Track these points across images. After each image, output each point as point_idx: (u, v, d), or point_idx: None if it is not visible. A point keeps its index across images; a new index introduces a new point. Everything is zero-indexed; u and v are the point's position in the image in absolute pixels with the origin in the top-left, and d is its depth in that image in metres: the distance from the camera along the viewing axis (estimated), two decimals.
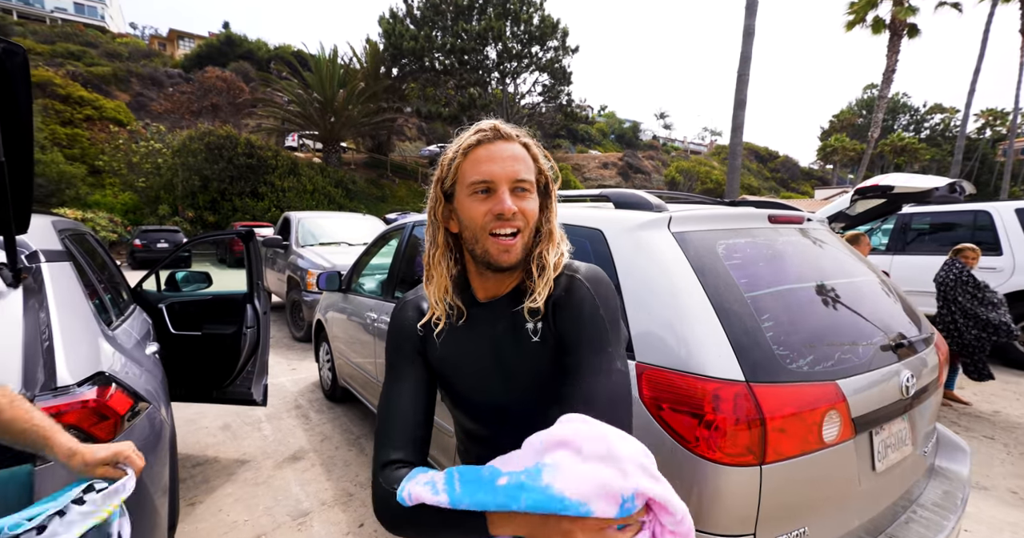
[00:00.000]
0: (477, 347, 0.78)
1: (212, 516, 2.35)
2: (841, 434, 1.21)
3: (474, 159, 0.72)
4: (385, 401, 0.79)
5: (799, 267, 1.54)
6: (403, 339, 0.82)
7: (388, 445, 0.72)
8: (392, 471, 0.68)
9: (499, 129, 0.73)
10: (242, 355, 2.82)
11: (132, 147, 18.71)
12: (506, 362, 0.76)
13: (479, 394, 0.79)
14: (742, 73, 10.94)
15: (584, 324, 0.71)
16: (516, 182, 0.72)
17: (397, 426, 0.74)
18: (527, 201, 0.73)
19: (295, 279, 6.08)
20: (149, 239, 14.24)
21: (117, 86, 28.56)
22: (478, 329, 0.79)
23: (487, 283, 0.80)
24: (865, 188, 3.82)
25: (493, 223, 0.71)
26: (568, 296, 0.73)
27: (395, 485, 0.65)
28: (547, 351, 0.74)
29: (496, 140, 0.73)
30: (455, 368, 0.80)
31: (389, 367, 0.83)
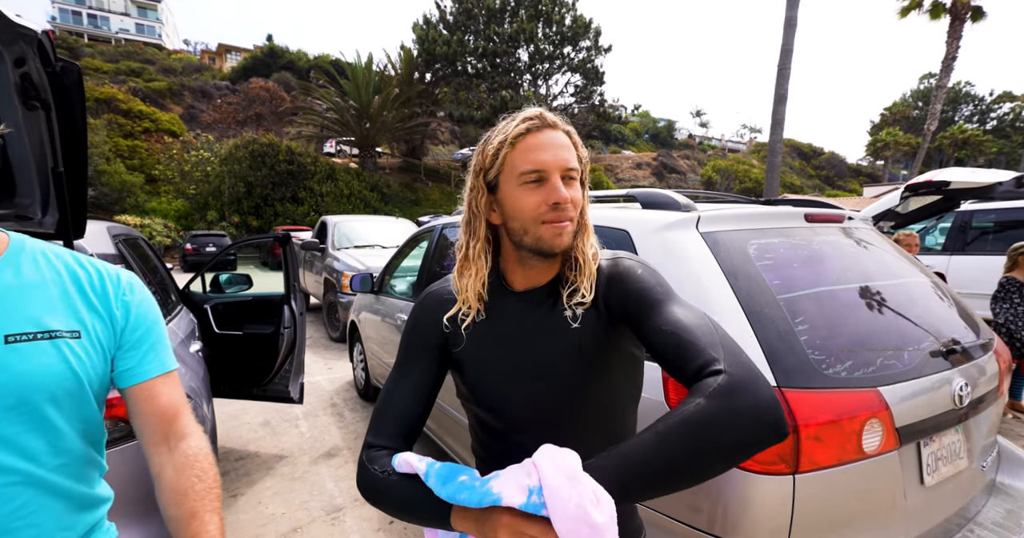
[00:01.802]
0: (509, 337, 0.77)
1: (252, 508, 2.45)
2: (884, 444, 1.14)
3: (524, 148, 0.71)
4: (389, 389, 0.79)
5: (838, 268, 1.47)
6: (423, 332, 0.82)
7: (379, 432, 0.76)
8: (373, 452, 0.73)
9: (545, 117, 0.72)
10: (280, 354, 2.94)
11: (184, 156, 19.86)
12: (537, 350, 0.76)
13: (505, 384, 0.78)
14: (783, 66, 10.54)
15: (643, 280, 0.73)
16: (567, 170, 0.71)
17: (393, 417, 0.76)
18: (576, 190, 0.73)
19: (331, 281, 6.28)
20: (199, 243, 15.04)
21: (171, 99, 30.38)
22: (511, 319, 0.78)
23: (530, 272, 0.78)
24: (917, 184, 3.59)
25: (548, 213, 0.70)
26: (616, 269, 0.76)
27: (375, 465, 0.70)
28: (582, 336, 0.74)
29: (544, 128, 0.71)
30: (482, 360, 0.79)
31: (401, 357, 0.83)
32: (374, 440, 0.75)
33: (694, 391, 0.58)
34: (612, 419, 0.80)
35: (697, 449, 0.54)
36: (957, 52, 16.68)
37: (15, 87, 0.96)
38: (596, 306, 0.75)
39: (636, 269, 0.75)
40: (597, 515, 0.51)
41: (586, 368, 0.74)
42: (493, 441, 0.83)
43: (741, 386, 0.56)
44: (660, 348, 0.65)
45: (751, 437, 0.55)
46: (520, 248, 0.75)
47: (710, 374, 0.58)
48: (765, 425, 0.55)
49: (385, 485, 0.68)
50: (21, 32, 0.90)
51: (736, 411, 0.54)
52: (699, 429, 0.54)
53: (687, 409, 0.55)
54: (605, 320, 0.75)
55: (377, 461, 0.71)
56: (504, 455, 0.80)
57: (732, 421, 0.54)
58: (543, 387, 0.76)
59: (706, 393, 0.56)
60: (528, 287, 0.79)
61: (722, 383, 0.56)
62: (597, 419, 0.78)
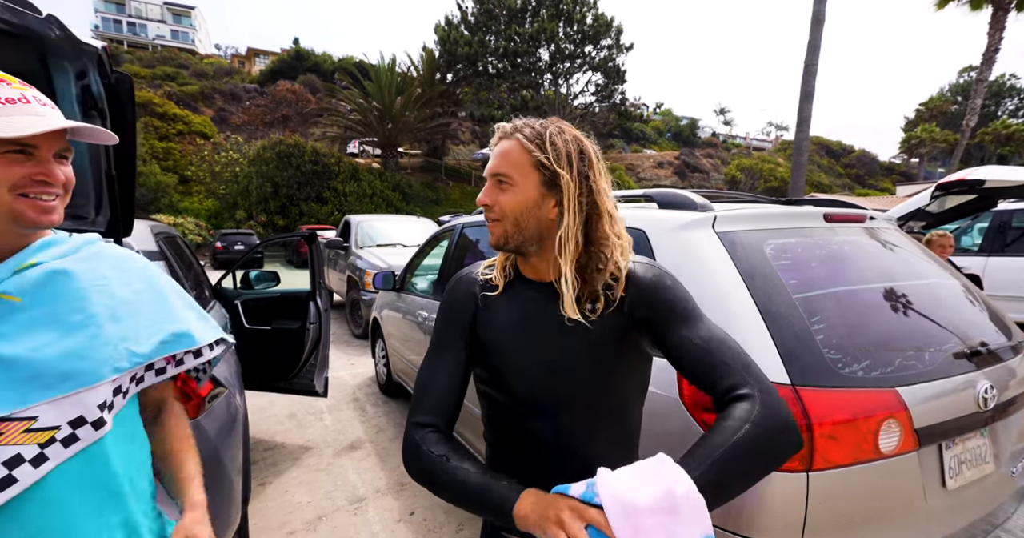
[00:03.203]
0: (527, 323, 0.82)
1: (279, 496, 2.56)
2: (901, 445, 1.14)
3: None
4: (426, 371, 0.84)
5: (858, 268, 1.46)
6: (456, 312, 0.87)
7: (423, 411, 0.79)
8: (427, 433, 0.76)
9: (503, 128, 0.82)
10: (305, 349, 3.04)
11: (215, 157, 20.53)
12: (551, 340, 0.79)
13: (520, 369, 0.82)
14: (810, 63, 10.28)
15: (672, 291, 0.78)
16: (494, 175, 0.80)
17: (433, 396, 0.80)
18: (504, 193, 0.79)
19: (354, 279, 6.42)
20: (228, 241, 15.53)
21: (203, 102, 31.43)
22: (529, 307, 0.83)
23: (526, 266, 0.86)
24: (949, 183, 3.48)
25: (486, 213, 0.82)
26: (646, 276, 0.79)
27: (429, 447, 0.74)
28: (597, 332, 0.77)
29: (500, 139, 0.81)
30: (502, 343, 0.83)
31: (436, 341, 0.87)
32: (421, 419, 0.78)
33: (735, 413, 0.65)
34: (620, 410, 0.84)
35: (749, 469, 0.64)
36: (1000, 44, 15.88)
37: (76, 98, 1.04)
38: (620, 308, 0.78)
39: (665, 280, 0.79)
40: (641, 499, 0.56)
41: (597, 361, 0.78)
42: (504, 427, 0.87)
43: (773, 412, 0.65)
44: (688, 362, 0.72)
45: (780, 455, 0.66)
46: None
47: (742, 397, 0.67)
48: (792, 444, 0.66)
49: (441, 469, 0.71)
50: (84, 49, 0.99)
51: (771, 434, 0.64)
52: (752, 451, 0.63)
53: (739, 438, 0.63)
54: (626, 320, 0.78)
55: (432, 444, 0.74)
56: (514, 441, 0.85)
57: (768, 443, 0.64)
58: (555, 376, 0.79)
59: (751, 419, 0.64)
60: (537, 279, 0.84)
61: (760, 411, 0.65)
62: (606, 409, 0.82)
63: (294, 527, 2.30)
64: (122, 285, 0.77)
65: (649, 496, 0.56)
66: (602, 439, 0.79)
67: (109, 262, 0.78)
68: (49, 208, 0.68)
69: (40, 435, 0.62)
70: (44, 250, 0.72)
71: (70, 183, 0.71)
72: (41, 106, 0.67)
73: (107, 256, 0.79)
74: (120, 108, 1.14)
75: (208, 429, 1.46)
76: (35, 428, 0.62)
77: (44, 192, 0.67)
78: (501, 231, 0.80)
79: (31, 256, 0.69)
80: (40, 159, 0.66)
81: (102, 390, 0.69)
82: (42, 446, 0.62)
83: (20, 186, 0.65)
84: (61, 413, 0.64)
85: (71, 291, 0.70)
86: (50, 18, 0.93)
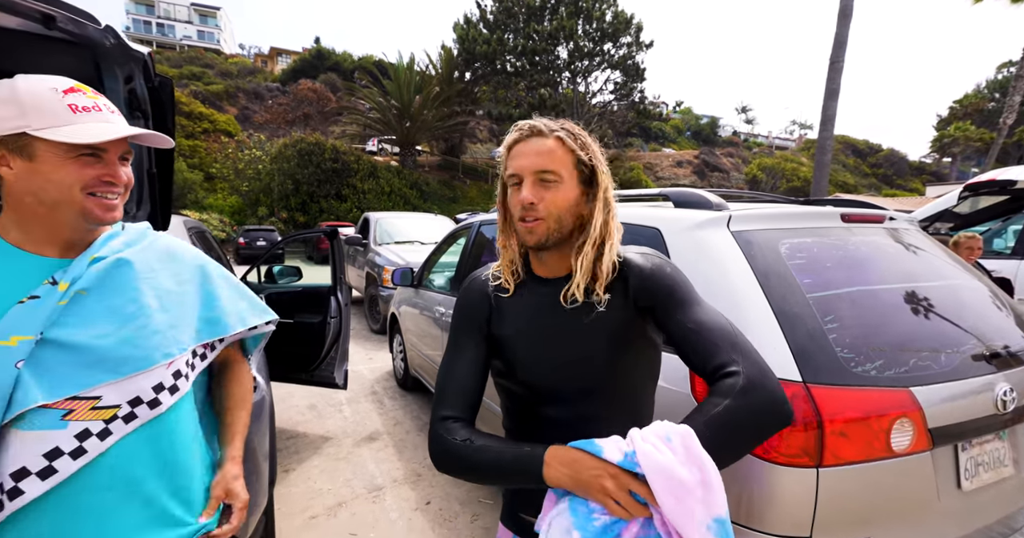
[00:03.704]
0: (540, 317, 0.86)
1: (302, 483, 2.65)
2: (914, 444, 1.15)
3: (512, 155, 0.82)
4: (446, 367, 0.88)
5: (874, 268, 1.46)
6: (471, 311, 0.91)
7: (446, 406, 0.83)
8: (449, 424, 0.80)
9: (534, 126, 0.81)
10: (326, 342, 3.13)
11: (238, 155, 21.01)
12: (565, 332, 0.83)
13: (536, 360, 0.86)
14: (835, 59, 10.05)
15: (671, 278, 0.81)
16: (538, 173, 0.79)
17: (455, 390, 0.84)
18: (551, 191, 0.79)
19: (373, 275, 6.54)
20: (251, 237, 15.92)
21: (227, 101, 32.16)
22: (541, 301, 0.86)
23: (542, 263, 0.88)
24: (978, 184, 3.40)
25: (520, 211, 0.80)
26: (646, 265, 0.82)
27: (454, 436, 0.77)
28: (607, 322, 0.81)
29: (531, 137, 0.81)
30: (517, 337, 0.87)
31: (453, 338, 0.92)
32: (445, 412, 0.81)
33: (717, 391, 0.70)
34: (632, 397, 0.88)
35: (724, 443, 0.67)
36: None
37: (124, 100, 1.12)
38: (625, 298, 0.82)
39: (665, 268, 0.83)
40: (684, 472, 0.62)
41: (607, 351, 0.82)
42: (523, 414, 0.91)
43: (757, 385, 0.69)
44: (682, 343, 0.76)
45: (765, 428, 0.70)
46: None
47: (729, 374, 0.70)
48: (780, 415, 0.70)
49: (468, 451, 0.75)
50: (132, 55, 1.06)
51: (753, 408, 0.68)
52: (725, 426, 0.67)
53: (715, 411, 0.68)
54: (631, 309, 0.82)
55: (455, 432, 0.78)
56: (532, 427, 0.89)
57: (750, 416, 0.68)
58: (570, 365, 0.83)
59: (730, 394, 0.68)
60: (550, 275, 0.88)
61: (741, 384, 0.68)
62: (619, 396, 0.85)
63: (316, 512, 2.38)
64: (170, 275, 0.85)
65: (689, 473, 0.62)
66: (616, 425, 0.83)
67: (158, 253, 0.85)
68: (113, 206, 0.75)
69: (104, 412, 0.71)
70: (109, 242, 0.79)
71: (130, 183, 0.78)
72: (111, 113, 0.75)
73: (157, 247, 0.86)
74: (161, 109, 1.22)
75: None
76: (100, 406, 0.71)
77: (110, 191, 0.74)
78: (544, 229, 0.80)
79: (100, 248, 0.77)
80: (107, 162, 0.73)
81: (157, 373, 0.77)
82: (106, 422, 0.71)
83: (90, 186, 0.72)
84: (121, 394, 0.72)
85: (127, 282, 0.78)
86: (107, 28, 1.01)
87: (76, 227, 0.74)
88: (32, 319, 0.67)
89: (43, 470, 0.65)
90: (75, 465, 0.67)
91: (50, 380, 0.67)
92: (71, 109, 0.69)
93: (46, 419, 0.67)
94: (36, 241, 0.73)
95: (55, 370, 0.68)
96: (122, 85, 1.11)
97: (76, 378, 0.69)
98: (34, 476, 0.65)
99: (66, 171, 0.69)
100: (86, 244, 0.77)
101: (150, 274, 0.82)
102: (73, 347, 0.70)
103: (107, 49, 1.03)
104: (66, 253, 0.75)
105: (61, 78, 0.72)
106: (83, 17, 0.94)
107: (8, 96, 0.67)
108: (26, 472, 0.64)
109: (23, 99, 0.67)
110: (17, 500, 0.64)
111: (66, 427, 0.67)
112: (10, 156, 0.68)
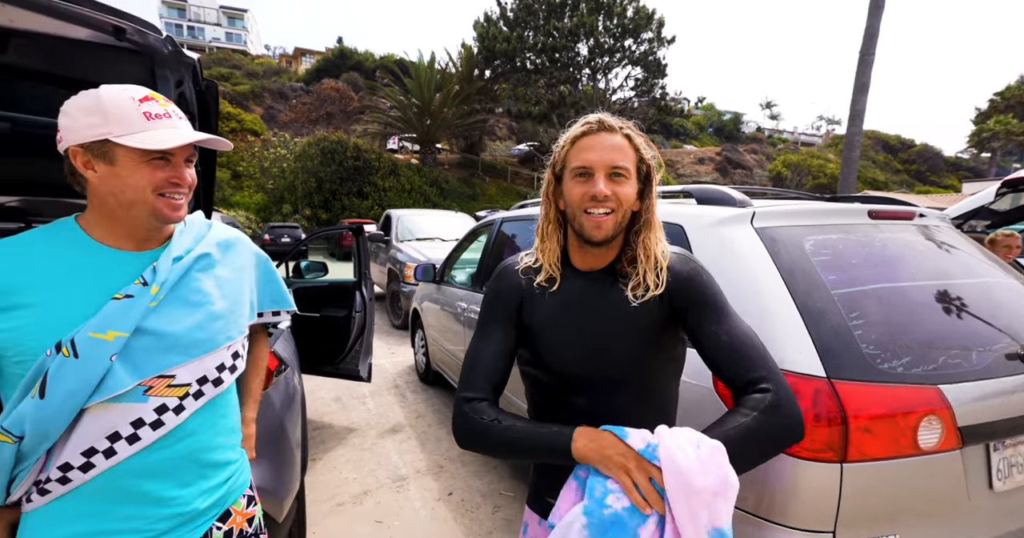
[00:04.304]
0: (573, 309, 0.88)
1: (329, 472, 2.74)
2: (943, 442, 1.14)
3: (579, 147, 0.84)
4: (473, 352, 0.91)
5: (903, 266, 1.44)
6: (502, 299, 0.93)
7: (470, 387, 0.86)
8: (476, 404, 0.83)
9: (603, 122, 0.84)
10: (351, 336, 3.22)
11: (264, 154, 21.53)
12: (598, 325, 0.86)
13: (566, 350, 0.88)
14: (866, 52, 9.74)
15: (707, 286, 0.84)
16: (612, 168, 0.82)
17: (480, 373, 0.87)
18: (624, 186, 0.83)
19: (394, 271, 6.65)
20: (275, 234, 16.34)
21: (254, 101, 32.93)
22: (576, 294, 0.89)
23: (586, 256, 0.90)
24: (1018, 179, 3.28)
25: (589, 203, 0.82)
26: (684, 268, 0.86)
27: (480, 415, 0.81)
28: (640, 317, 0.83)
29: (600, 131, 0.83)
30: (549, 327, 0.90)
31: (481, 325, 0.94)
32: (469, 394, 0.84)
33: (747, 403, 0.75)
34: (658, 391, 0.90)
35: (748, 453, 0.73)
36: None
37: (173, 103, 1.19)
38: (660, 297, 0.84)
39: (702, 275, 0.86)
40: (702, 479, 0.66)
41: (638, 345, 0.85)
42: (549, 403, 0.94)
43: (784, 404, 0.74)
44: (715, 354, 0.80)
45: (782, 443, 0.77)
46: (576, 233, 0.88)
47: (760, 390, 0.75)
48: (795, 434, 0.76)
49: (495, 429, 0.79)
50: (184, 60, 1.13)
51: (777, 424, 0.74)
52: (753, 437, 0.73)
53: (744, 421, 0.73)
54: (665, 308, 0.85)
55: (481, 412, 0.81)
56: (558, 416, 0.92)
57: (774, 431, 0.74)
58: (600, 355, 0.86)
59: (758, 408, 0.74)
60: (588, 268, 0.90)
61: (770, 401, 0.74)
62: (646, 390, 0.88)
63: (342, 500, 2.47)
64: (227, 263, 0.93)
65: (706, 480, 0.66)
66: (641, 417, 0.85)
67: (218, 244, 0.93)
68: (179, 206, 0.81)
69: (178, 390, 0.80)
70: (182, 239, 0.87)
71: (194, 183, 0.84)
72: (179, 119, 0.81)
73: (217, 237, 0.94)
74: (206, 111, 1.29)
75: (275, 401, 1.61)
76: (174, 384, 0.79)
77: (177, 192, 0.80)
78: (614, 223, 0.83)
79: (177, 247, 0.85)
80: (175, 164, 0.80)
81: (219, 355, 0.86)
82: (181, 398, 0.80)
83: (160, 187, 0.78)
84: (191, 373, 0.81)
85: (195, 274, 0.86)
86: (168, 38, 1.09)
87: (148, 225, 0.81)
88: (127, 317, 0.75)
89: (130, 436, 0.75)
90: (154, 435, 0.77)
91: (134, 364, 0.76)
92: (145, 116, 0.75)
93: (131, 394, 0.76)
94: (117, 237, 0.81)
95: (137, 355, 0.76)
96: (173, 89, 1.19)
97: (155, 361, 0.78)
98: (123, 440, 0.75)
99: (140, 174, 0.76)
100: (159, 238, 0.85)
101: (213, 264, 0.90)
102: (153, 334, 0.78)
103: (164, 56, 1.11)
104: (140, 247, 0.83)
105: (137, 87, 0.79)
106: (148, 28, 1.02)
107: (94, 106, 0.74)
108: (118, 436, 0.75)
109: (107, 108, 0.74)
110: (112, 458, 0.75)
111: (147, 401, 0.77)
112: (95, 161, 0.75)
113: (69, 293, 0.74)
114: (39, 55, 1.07)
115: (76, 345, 0.70)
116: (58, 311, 0.72)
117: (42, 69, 1.13)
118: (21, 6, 0.90)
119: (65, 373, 0.70)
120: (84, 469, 0.73)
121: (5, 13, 0.93)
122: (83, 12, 0.93)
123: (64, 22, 0.94)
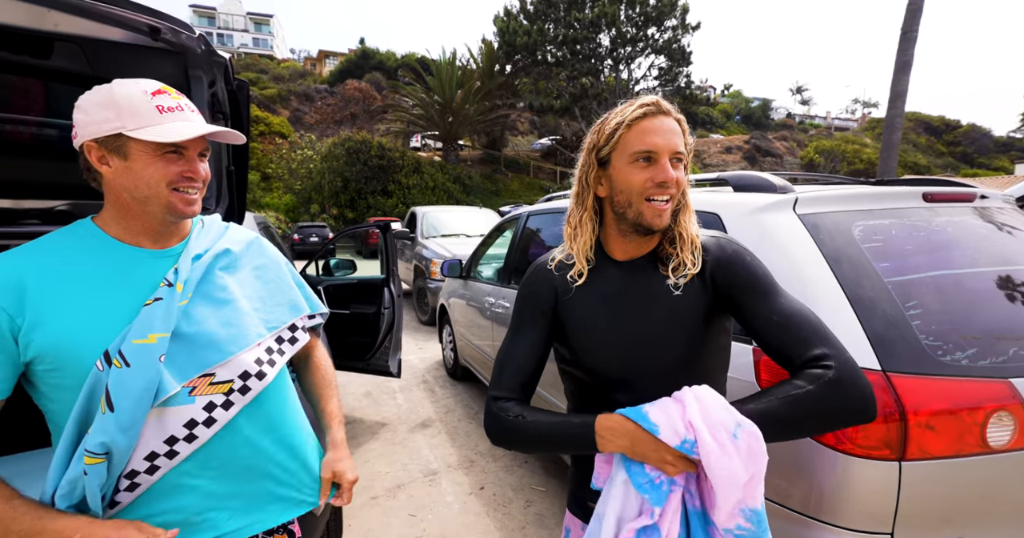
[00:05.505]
0: (612, 302, 0.85)
1: (362, 466, 2.78)
2: (1015, 440, 1.05)
3: (639, 130, 0.79)
4: (505, 350, 0.90)
5: (964, 251, 1.34)
6: (535, 297, 0.91)
7: (501, 387, 0.85)
8: (503, 403, 0.83)
9: (661, 104, 0.80)
10: (381, 332, 3.25)
11: (291, 155, 22.07)
12: (639, 316, 0.83)
13: (607, 346, 0.85)
14: (908, 29, 9.22)
15: (752, 266, 0.81)
16: (675, 153, 0.79)
17: (512, 372, 0.86)
18: (680, 172, 0.80)
19: (421, 268, 6.71)
20: (304, 234, 16.75)
21: (280, 104, 33.75)
22: (614, 286, 0.86)
23: (629, 245, 0.86)
24: None
25: (652, 190, 0.79)
26: (724, 250, 0.82)
27: (508, 414, 0.81)
28: (683, 306, 0.81)
29: (659, 114, 0.79)
30: (587, 323, 0.87)
31: (515, 324, 0.92)
32: (498, 393, 0.85)
33: (803, 376, 0.70)
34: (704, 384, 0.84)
35: (790, 424, 0.70)
36: None
37: (207, 102, 1.21)
38: (702, 279, 0.81)
39: (745, 255, 0.82)
40: (742, 472, 0.66)
41: (683, 335, 0.81)
42: (590, 400, 0.90)
43: (847, 380, 0.69)
44: (768, 336, 0.76)
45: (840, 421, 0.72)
46: (622, 221, 0.84)
47: (821, 366, 0.70)
48: (862, 413, 0.70)
49: (524, 425, 0.79)
50: (216, 60, 1.15)
51: (836, 401, 0.69)
52: (801, 409, 0.69)
53: (795, 392, 0.69)
54: (710, 294, 0.81)
55: (509, 410, 0.81)
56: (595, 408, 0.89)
57: (830, 407, 0.69)
58: (644, 348, 0.82)
59: (816, 382, 0.69)
60: (628, 258, 0.87)
61: (832, 376, 0.69)
62: (692, 384, 0.83)
63: (376, 493, 2.50)
64: (246, 263, 0.93)
65: (746, 471, 0.67)
66: None
67: (238, 244, 0.93)
68: (193, 201, 0.81)
69: (221, 387, 0.80)
70: (200, 238, 0.87)
71: (207, 178, 0.84)
72: (192, 112, 0.80)
73: (236, 239, 0.94)
74: (237, 110, 1.30)
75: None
76: (215, 381, 0.79)
77: (190, 186, 0.80)
78: (671, 209, 0.81)
79: (195, 246, 0.85)
80: (188, 158, 0.79)
81: (254, 351, 0.85)
82: (226, 395, 0.80)
83: (173, 182, 0.78)
84: (230, 370, 0.81)
85: (216, 273, 0.86)
86: (201, 37, 1.10)
87: (163, 220, 0.81)
88: (163, 318, 0.76)
89: (187, 437, 0.76)
90: (209, 432, 0.77)
91: (178, 366, 0.76)
92: (158, 109, 0.75)
93: (178, 396, 0.76)
94: (133, 233, 0.81)
95: (178, 357, 0.77)
96: (206, 88, 1.20)
97: (195, 361, 0.78)
98: (182, 441, 0.76)
99: (154, 168, 0.76)
100: (174, 236, 0.85)
101: (234, 262, 0.90)
102: (188, 336, 0.78)
103: (197, 56, 1.12)
104: (156, 244, 0.83)
105: (149, 80, 0.78)
106: (181, 26, 1.03)
107: (107, 100, 0.74)
108: (174, 439, 0.75)
109: (120, 102, 0.73)
110: (175, 459, 0.76)
111: (194, 402, 0.77)
112: (109, 156, 0.75)
113: (93, 294, 0.74)
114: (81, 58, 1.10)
115: (124, 355, 0.71)
116: (84, 314, 0.73)
117: (85, 72, 1.16)
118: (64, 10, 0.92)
119: (126, 382, 0.71)
120: (150, 472, 0.75)
121: (51, 18, 0.95)
122: (121, 13, 0.94)
123: (103, 24, 0.95)
